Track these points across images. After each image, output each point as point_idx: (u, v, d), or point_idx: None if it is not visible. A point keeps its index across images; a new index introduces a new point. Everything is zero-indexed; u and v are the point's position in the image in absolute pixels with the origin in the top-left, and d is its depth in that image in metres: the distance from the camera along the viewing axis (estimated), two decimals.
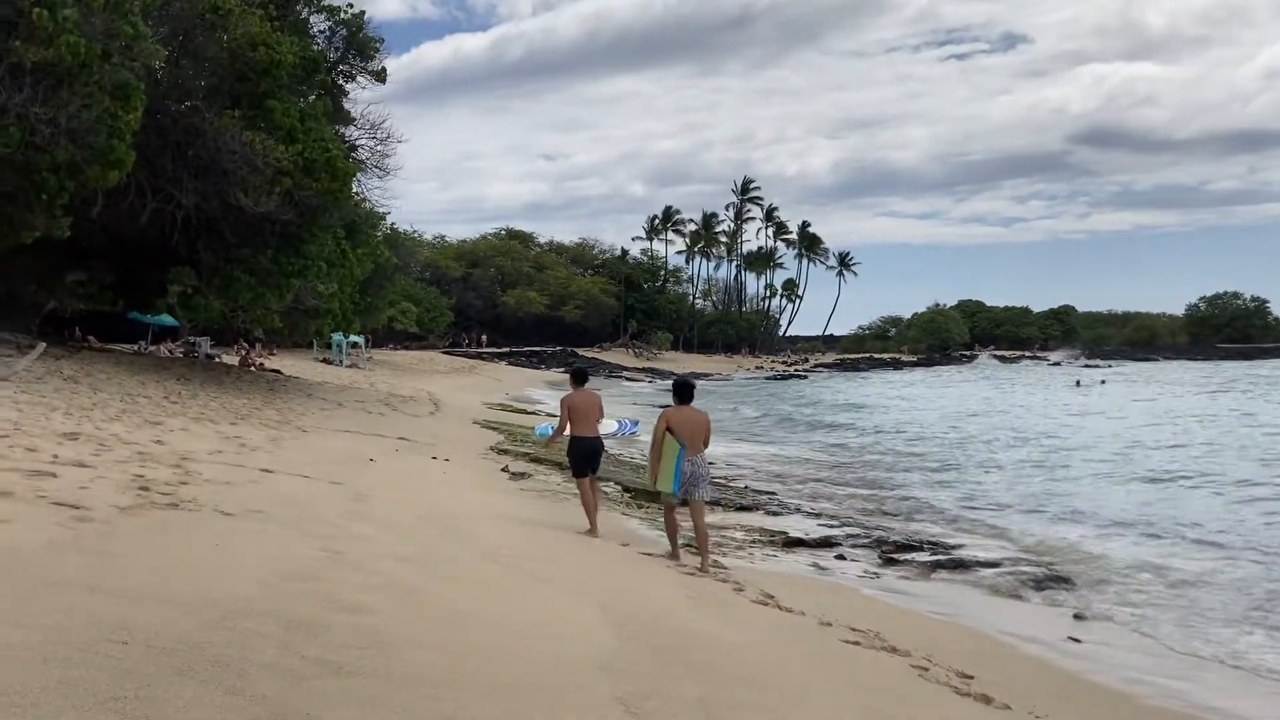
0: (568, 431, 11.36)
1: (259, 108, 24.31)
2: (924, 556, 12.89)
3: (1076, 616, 10.36)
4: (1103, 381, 69.41)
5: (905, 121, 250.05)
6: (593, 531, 11.13)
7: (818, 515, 15.98)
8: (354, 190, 28.54)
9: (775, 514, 15.86)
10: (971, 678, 7.21)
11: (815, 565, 12.17)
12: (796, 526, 14.81)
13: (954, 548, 13.86)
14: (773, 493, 18.78)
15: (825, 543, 13.58)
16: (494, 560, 8.13)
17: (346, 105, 33.77)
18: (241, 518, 8.14)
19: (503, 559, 8.28)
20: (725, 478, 20.93)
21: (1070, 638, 9.35)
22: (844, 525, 15.08)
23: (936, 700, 6.46)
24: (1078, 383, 66.72)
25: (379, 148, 32.35)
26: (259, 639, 4.83)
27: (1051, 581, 11.79)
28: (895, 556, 12.85)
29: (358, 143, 32.44)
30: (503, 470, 18.39)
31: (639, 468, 21.08)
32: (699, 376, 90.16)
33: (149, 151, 23.74)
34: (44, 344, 21.12)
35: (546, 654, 5.52)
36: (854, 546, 13.39)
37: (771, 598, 8.89)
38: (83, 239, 27.53)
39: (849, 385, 73.82)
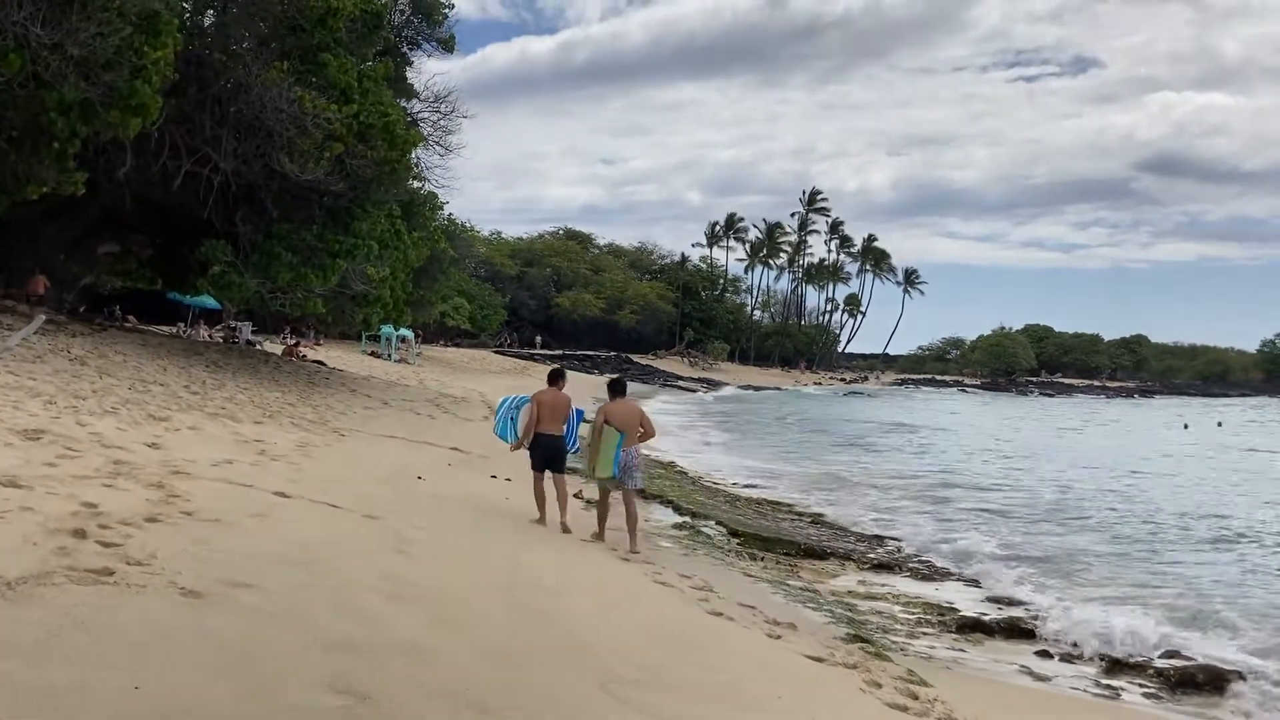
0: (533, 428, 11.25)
1: (312, 62, 21.37)
2: (1160, 661, 9.45)
3: None
4: (1219, 424, 57.62)
5: (968, 142, 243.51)
6: (541, 521, 11.13)
7: (975, 582, 12.54)
8: (413, 164, 25.51)
9: (926, 578, 12.46)
10: None
11: (1025, 670, 8.79)
12: (961, 598, 11.44)
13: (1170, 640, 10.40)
14: (897, 538, 15.34)
15: (1013, 629, 10.19)
16: (624, 701, 4.86)
17: (410, 78, 30.91)
18: (212, 602, 4.96)
19: (631, 691, 5.02)
20: (825, 517, 17.54)
21: None
22: (1021, 601, 11.60)
23: None
24: (1185, 426, 53.93)
25: (442, 122, 29.36)
26: None
27: None
28: (1121, 659, 9.43)
29: (419, 116, 29.51)
30: (575, 496, 15.14)
31: (736, 499, 17.80)
32: (758, 389, 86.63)
33: (185, 105, 20.93)
34: (43, 317, 18.24)
35: None
36: (1057, 640, 9.96)
37: None
38: (112, 206, 24.88)
39: (918, 406, 69.59)
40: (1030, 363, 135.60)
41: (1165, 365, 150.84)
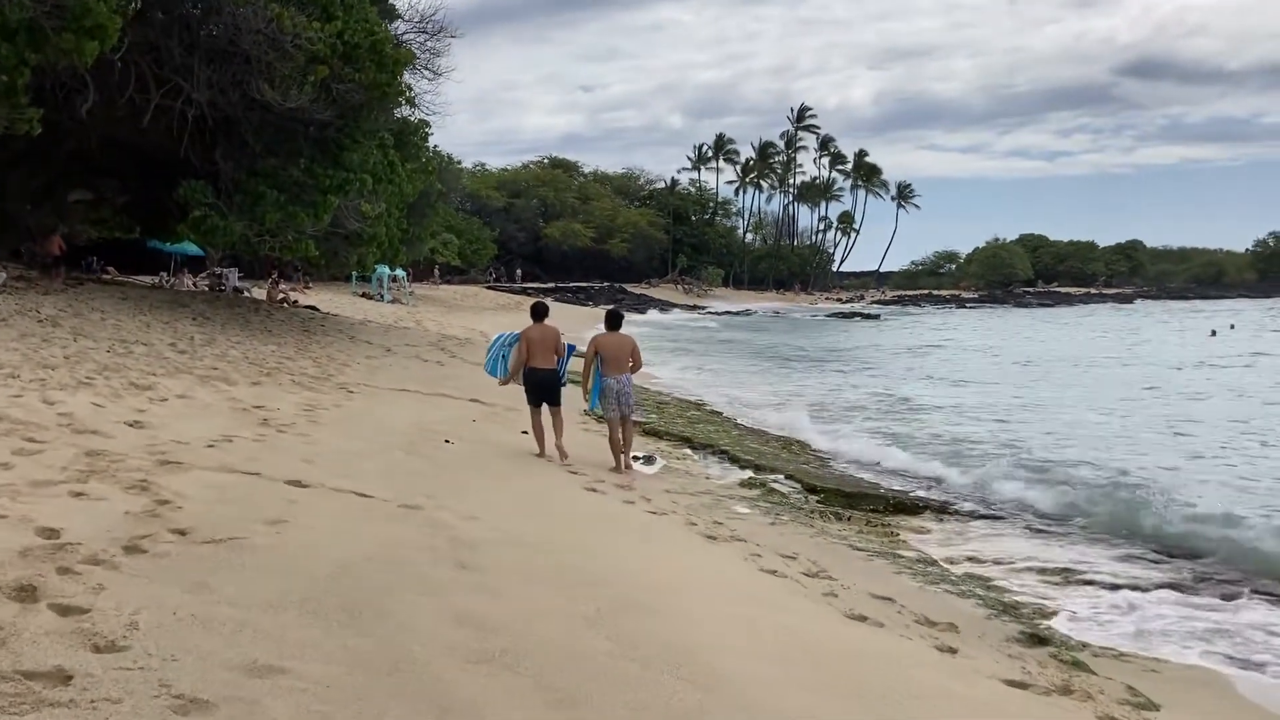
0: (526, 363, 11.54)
1: None
2: None
3: None
4: (1231, 327, 56.29)
5: (950, 52, 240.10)
6: (542, 455, 11.26)
7: (1092, 535, 10.88)
8: (405, 88, 23.31)
9: (1037, 531, 10.79)
10: None
11: (1228, 659, 7.15)
12: (1093, 558, 9.80)
13: None
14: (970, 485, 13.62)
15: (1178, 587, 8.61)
16: None
17: None
18: None
19: None
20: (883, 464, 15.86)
21: None
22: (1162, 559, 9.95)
23: None
24: (1213, 332, 52.85)
25: (429, 44, 27.00)
26: None
27: None
28: None
29: (403, 38, 27.19)
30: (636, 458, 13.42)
31: (789, 443, 16.14)
32: (759, 312, 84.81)
33: (149, 32, 18.78)
34: (3, 273, 16.30)
35: None
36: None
37: None
38: (79, 149, 22.77)
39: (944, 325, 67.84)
40: (1027, 273, 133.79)
41: (1159, 269, 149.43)
